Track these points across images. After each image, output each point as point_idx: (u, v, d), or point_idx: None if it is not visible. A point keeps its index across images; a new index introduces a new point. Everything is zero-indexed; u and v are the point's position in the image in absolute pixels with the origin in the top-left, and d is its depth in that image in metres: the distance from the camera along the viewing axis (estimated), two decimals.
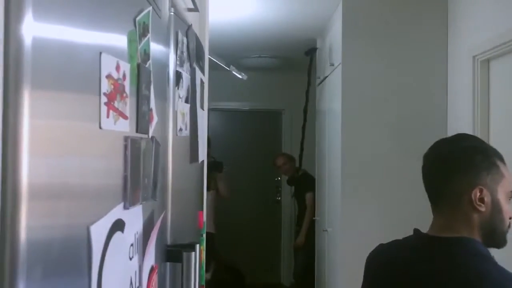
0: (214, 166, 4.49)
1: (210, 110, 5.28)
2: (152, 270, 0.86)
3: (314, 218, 4.38)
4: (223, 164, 4.64)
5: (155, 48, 0.95)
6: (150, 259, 0.84)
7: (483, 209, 1.09)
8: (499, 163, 1.12)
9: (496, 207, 1.10)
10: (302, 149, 5.03)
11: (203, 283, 1.58)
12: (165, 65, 1.14)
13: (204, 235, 1.76)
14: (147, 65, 0.81)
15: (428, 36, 3.06)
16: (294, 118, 5.32)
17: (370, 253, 1.27)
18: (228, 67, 4.10)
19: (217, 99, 4.96)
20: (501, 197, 1.11)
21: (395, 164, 3.03)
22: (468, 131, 2.59)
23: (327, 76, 3.78)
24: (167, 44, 1.16)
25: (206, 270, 4.01)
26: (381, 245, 1.27)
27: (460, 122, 2.83)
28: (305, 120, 4.96)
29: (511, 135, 2.32)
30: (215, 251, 4.54)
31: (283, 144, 5.88)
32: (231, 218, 5.40)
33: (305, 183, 4.72)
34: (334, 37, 3.45)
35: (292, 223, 5.47)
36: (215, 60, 3.60)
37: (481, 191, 1.09)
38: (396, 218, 2.92)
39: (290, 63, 5.04)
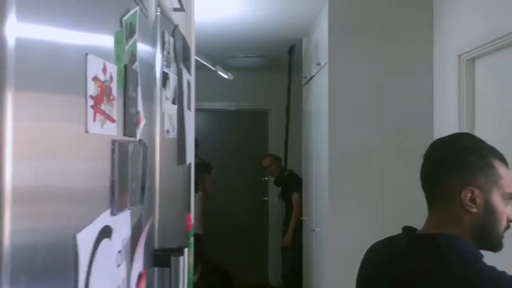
0: (202, 167, 4.46)
1: (196, 110, 5.25)
2: (140, 276, 0.84)
3: (301, 218, 4.37)
4: (211, 165, 4.62)
5: (142, 48, 0.93)
6: (138, 265, 0.82)
7: (474, 210, 1.07)
8: (496, 163, 1.09)
9: (489, 209, 1.08)
10: (286, 149, 5.02)
11: (191, 286, 1.56)
12: (152, 66, 1.12)
13: (192, 238, 1.74)
14: (134, 66, 0.79)
15: (414, 35, 3.07)
16: (281, 118, 5.31)
17: (365, 252, 1.27)
18: (214, 67, 4.08)
19: (203, 99, 4.92)
20: (497, 198, 1.08)
21: (382, 164, 3.03)
22: (454, 129, 2.60)
23: (313, 76, 3.77)
24: (153, 44, 1.14)
25: (193, 272, 4.00)
26: (375, 244, 1.26)
27: (446, 121, 2.85)
28: (288, 119, 4.96)
29: (496, 134, 2.34)
30: (202, 252, 4.52)
31: (269, 144, 5.87)
32: (218, 218, 5.38)
33: (291, 183, 4.72)
34: (320, 36, 3.45)
35: (279, 223, 5.46)
36: (201, 60, 3.58)
37: (472, 191, 1.07)
38: (383, 217, 2.93)
39: (276, 63, 5.03)
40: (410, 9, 3.07)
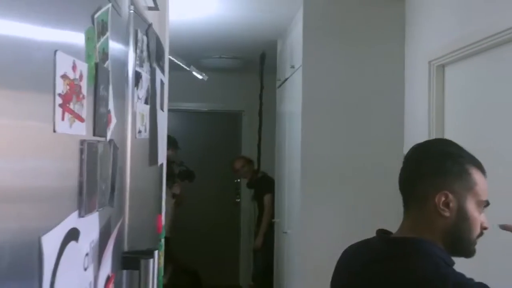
0: (185, 175, 4.40)
1: (169, 110, 5.21)
2: (108, 279, 0.82)
3: (272, 220, 4.38)
4: (195, 174, 4.55)
5: (114, 47, 0.91)
6: (106, 268, 0.80)
7: (447, 214, 1.08)
8: (472, 170, 1.10)
9: (462, 214, 1.09)
10: (259, 152, 5.02)
11: (161, 287, 1.54)
12: (124, 65, 1.10)
13: (163, 240, 1.72)
14: (105, 65, 0.78)
15: (386, 41, 3.11)
16: (254, 120, 5.31)
17: (340, 255, 1.27)
18: (188, 67, 4.05)
19: (176, 100, 4.88)
20: (471, 205, 1.09)
21: (354, 166, 3.06)
22: (424, 134, 2.65)
23: (287, 78, 3.79)
24: (126, 43, 1.12)
25: (163, 274, 3.96)
26: (350, 246, 1.27)
27: (416, 126, 2.89)
28: (260, 123, 4.96)
29: (465, 139, 2.38)
30: (172, 254, 4.48)
31: (242, 146, 5.86)
32: (190, 220, 5.34)
33: (264, 185, 4.72)
34: (295, 39, 3.47)
35: (251, 225, 5.46)
36: (175, 60, 3.55)
37: (446, 196, 1.08)
38: (355, 220, 2.95)
39: (251, 65, 5.03)
40: (382, 15, 3.11)
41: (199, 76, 4.24)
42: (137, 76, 1.21)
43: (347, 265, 1.23)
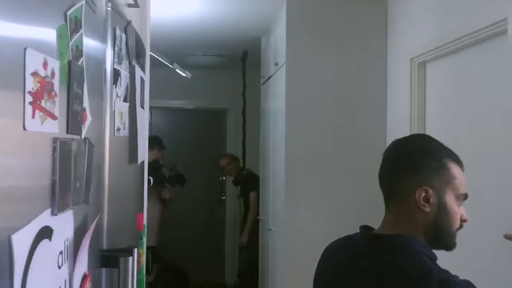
0: (176, 179, 4.35)
1: (152, 108, 5.16)
2: (84, 277, 0.82)
3: (258, 217, 4.39)
4: (185, 177, 4.48)
5: (90, 44, 0.90)
6: (82, 266, 0.80)
7: (427, 209, 1.09)
8: (451, 165, 1.12)
9: (442, 209, 1.10)
10: (244, 149, 5.03)
11: (143, 286, 1.53)
12: (102, 62, 1.09)
13: (145, 239, 1.71)
14: (79, 62, 0.77)
15: (368, 38, 3.13)
16: (239, 118, 5.31)
17: (323, 251, 1.28)
18: (172, 65, 4.03)
19: (160, 97, 4.87)
20: (450, 199, 1.11)
21: (338, 163, 3.08)
22: (406, 130, 2.67)
23: (271, 76, 3.79)
24: (103, 40, 1.11)
25: (148, 272, 3.94)
26: (332, 242, 1.28)
27: (398, 122, 2.92)
28: (244, 121, 4.96)
29: (445, 134, 2.41)
30: (158, 253, 4.46)
31: (227, 144, 5.86)
32: (175, 218, 5.32)
33: (249, 183, 4.73)
34: (278, 36, 3.47)
35: (237, 222, 5.46)
36: (158, 57, 3.53)
37: (426, 191, 1.09)
38: (339, 216, 2.97)
39: (235, 62, 5.02)
40: (365, 12, 3.14)
41: (183, 74, 4.23)
42: (116, 74, 1.20)
43: (330, 261, 1.23)
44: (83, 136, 0.80)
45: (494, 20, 1.96)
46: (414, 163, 1.12)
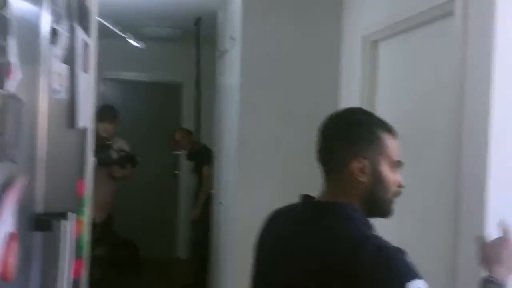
0: (126, 160, 4.10)
1: (105, 79, 5.03)
2: (10, 237, 0.80)
3: (211, 191, 4.39)
4: (137, 158, 4.25)
5: None
6: (7, 225, 0.78)
7: (364, 179, 1.13)
8: (382, 134, 1.15)
9: (378, 177, 1.14)
10: (199, 123, 4.99)
11: (83, 254, 1.51)
12: (35, 18, 1.04)
13: (87, 207, 1.68)
14: (2, 12, 0.73)
15: (324, 15, 3.13)
16: (194, 92, 5.25)
17: (265, 219, 1.30)
18: (125, 34, 3.93)
19: (113, 68, 4.75)
20: (384, 167, 1.14)
21: (289, 139, 3.10)
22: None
23: (227, 50, 3.76)
24: None
25: (100, 246, 3.88)
26: (273, 211, 1.31)
27: (351, 100, 2.95)
28: (198, 94, 4.90)
29: (395, 113, 2.46)
30: (110, 227, 4.41)
31: (183, 118, 5.80)
32: (128, 193, 5.25)
33: (203, 157, 4.71)
34: (235, 10, 3.43)
35: (190, 197, 5.45)
36: (108, 25, 3.43)
37: (361, 161, 1.12)
38: (289, 191, 2.96)
39: (190, 35, 4.94)
40: None
41: (136, 44, 4.13)
42: (54, 33, 1.16)
43: (273, 228, 1.26)
44: (7, 89, 0.77)
45: (442, 0, 1.99)
46: (348, 136, 1.16)
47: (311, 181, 2.88)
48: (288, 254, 1.13)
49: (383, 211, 1.19)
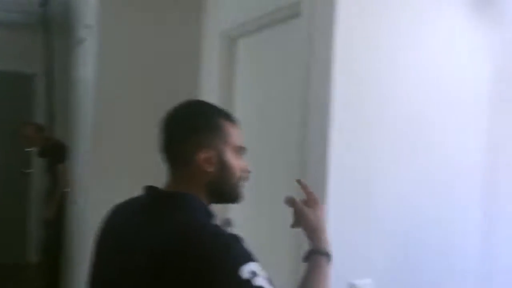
0: None
1: None
2: None
3: (65, 190, 4.13)
4: None
5: None
6: None
7: (210, 169, 1.14)
8: (223, 123, 1.17)
9: (223, 165, 1.15)
10: (52, 118, 4.65)
11: None
12: None
13: None
14: None
15: (183, 9, 3.07)
16: (48, 84, 4.88)
17: (106, 214, 1.24)
18: None
19: None
20: (229, 154, 1.16)
21: (147, 139, 2.97)
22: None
23: (84, 39, 3.54)
24: None
25: None
26: (116, 205, 1.26)
27: (209, 97, 2.95)
28: (49, 85, 4.57)
29: (249, 109, 2.53)
30: None
31: (36, 112, 5.36)
32: None
33: (57, 154, 4.39)
34: None
35: (43, 196, 5.07)
36: None
37: (205, 152, 1.13)
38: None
39: (45, 22, 4.57)
40: None
41: None
42: None
43: (112, 221, 1.22)
44: None
45: (290, 2, 2.08)
46: (191, 128, 1.16)
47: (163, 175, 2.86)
48: (126, 246, 1.10)
49: (232, 197, 1.21)
